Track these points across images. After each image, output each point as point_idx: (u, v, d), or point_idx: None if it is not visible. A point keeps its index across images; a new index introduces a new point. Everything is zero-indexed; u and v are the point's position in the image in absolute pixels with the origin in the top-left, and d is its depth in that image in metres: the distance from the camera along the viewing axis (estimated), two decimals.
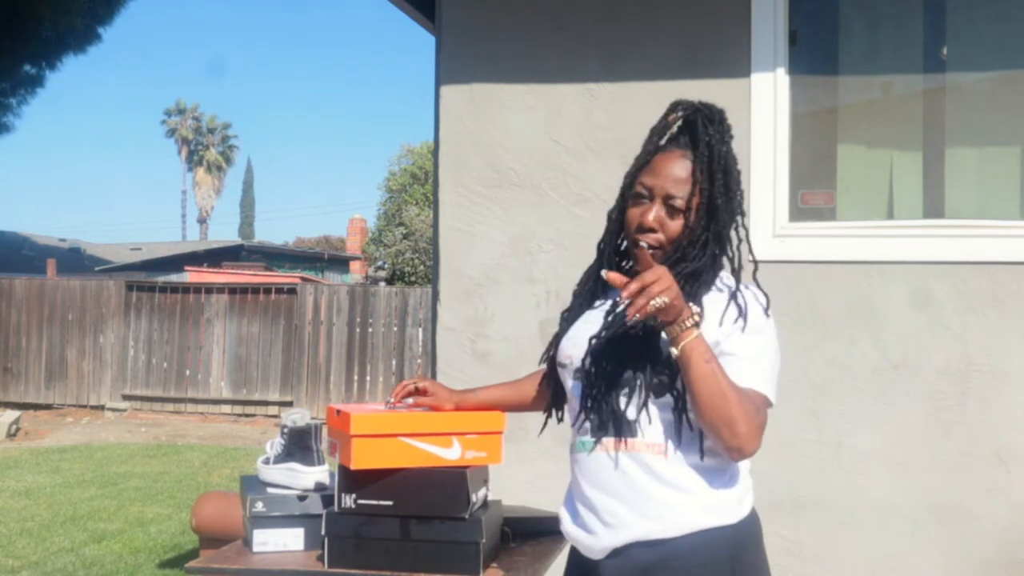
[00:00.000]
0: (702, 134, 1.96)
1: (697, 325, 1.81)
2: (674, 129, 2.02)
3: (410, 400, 2.30)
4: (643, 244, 1.97)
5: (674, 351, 1.82)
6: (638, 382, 1.90)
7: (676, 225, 1.95)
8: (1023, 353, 3.25)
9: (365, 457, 2.19)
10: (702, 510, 1.90)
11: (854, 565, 3.31)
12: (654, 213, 1.96)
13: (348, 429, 2.19)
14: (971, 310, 3.27)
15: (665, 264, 1.91)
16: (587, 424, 1.97)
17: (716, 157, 1.95)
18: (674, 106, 2.03)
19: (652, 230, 1.96)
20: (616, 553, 1.93)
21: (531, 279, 3.53)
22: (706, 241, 1.94)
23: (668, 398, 1.90)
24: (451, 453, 2.23)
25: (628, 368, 1.91)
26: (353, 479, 2.22)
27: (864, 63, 3.67)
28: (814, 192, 3.56)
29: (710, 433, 1.86)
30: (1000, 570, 3.23)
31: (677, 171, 1.96)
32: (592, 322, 2.01)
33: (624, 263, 2.08)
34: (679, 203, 1.95)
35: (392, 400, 2.31)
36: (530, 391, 2.31)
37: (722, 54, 3.44)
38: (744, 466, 1.97)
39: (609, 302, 2.00)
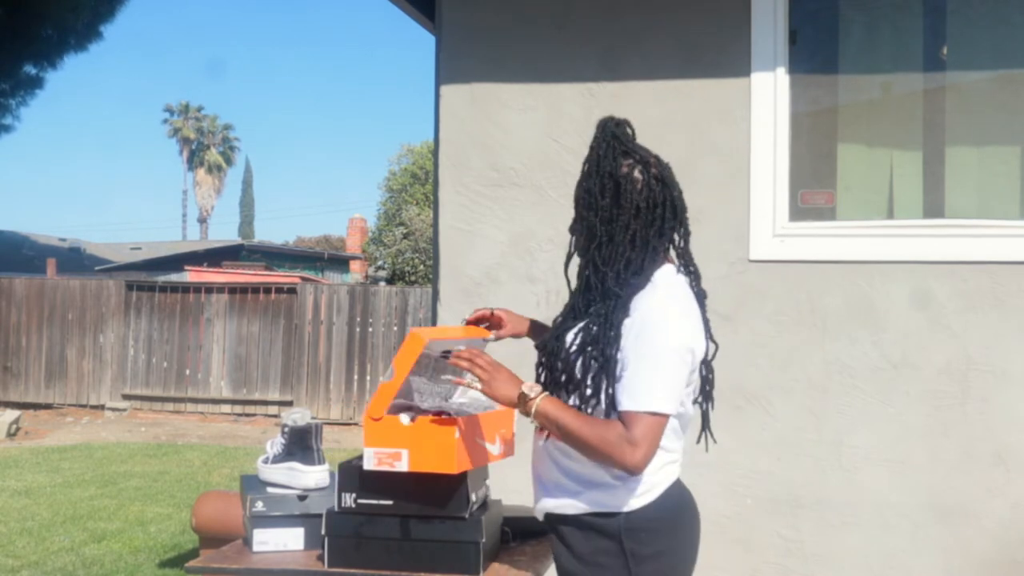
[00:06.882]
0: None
1: (526, 399, 2.02)
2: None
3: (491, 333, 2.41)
4: None
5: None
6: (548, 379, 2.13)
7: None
8: (1023, 353, 3.25)
9: (459, 461, 2.18)
10: (587, 498, 2.06)
11: (854, 565, 3.31)
12: None
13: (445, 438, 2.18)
14: (971, 310, 3.27)
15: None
16: None
17: (591, 155, 2.20)
18: None
19: None
20: (546, 520, 2.16)
21: (531, 278, 3.54)
22: (589, 230, 2.10)
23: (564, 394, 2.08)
24: (495, 449, 2.34)
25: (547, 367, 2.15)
26: (353, 478, 2.22)
27: (864, 63, 3.67)
28: (814, 192, 3.56)
29: None
30: (1000, 570, 3.23)
31: None
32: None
33: None
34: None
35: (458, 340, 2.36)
36: None
37: (722, 54, 3.44)
38: (660, 458, 2.04)
39: None
